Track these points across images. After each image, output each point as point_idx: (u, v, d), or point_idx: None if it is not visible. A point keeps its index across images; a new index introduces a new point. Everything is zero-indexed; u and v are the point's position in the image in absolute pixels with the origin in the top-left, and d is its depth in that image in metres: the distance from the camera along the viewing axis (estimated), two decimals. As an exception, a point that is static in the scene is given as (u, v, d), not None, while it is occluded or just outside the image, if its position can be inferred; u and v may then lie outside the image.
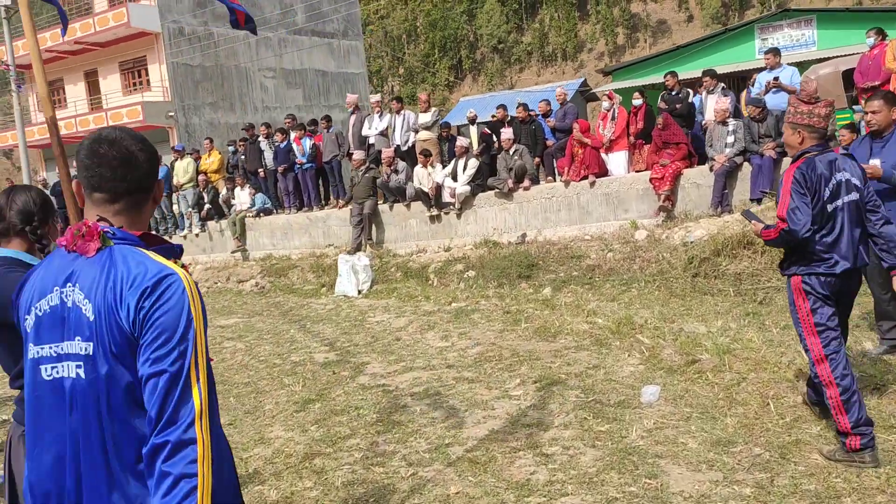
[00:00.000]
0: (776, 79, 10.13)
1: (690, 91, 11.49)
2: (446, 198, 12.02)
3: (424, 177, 12.06)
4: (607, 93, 11.97)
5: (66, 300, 1.74)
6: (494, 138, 12.31)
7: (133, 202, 1.82)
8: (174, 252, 1.84)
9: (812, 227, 3.84)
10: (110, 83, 28.55)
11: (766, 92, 10.17)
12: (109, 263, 1.71)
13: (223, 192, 15.16)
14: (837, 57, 14.39)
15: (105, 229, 1.76)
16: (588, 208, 11.03)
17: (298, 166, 13.73)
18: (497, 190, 11.60)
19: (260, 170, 14.45)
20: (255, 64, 29.42)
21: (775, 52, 10.62)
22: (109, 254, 1.73)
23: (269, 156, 14.27)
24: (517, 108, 12.07)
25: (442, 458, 4.45)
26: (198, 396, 1.65)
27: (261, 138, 14.48)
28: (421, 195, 12.08)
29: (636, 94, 11.44)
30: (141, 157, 1.81)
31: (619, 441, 4.39)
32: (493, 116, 12.76)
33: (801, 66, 15.34)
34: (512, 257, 10.44)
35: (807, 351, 4.00)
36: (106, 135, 1.80)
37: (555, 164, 11.95)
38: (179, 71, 27.07)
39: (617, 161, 11.23)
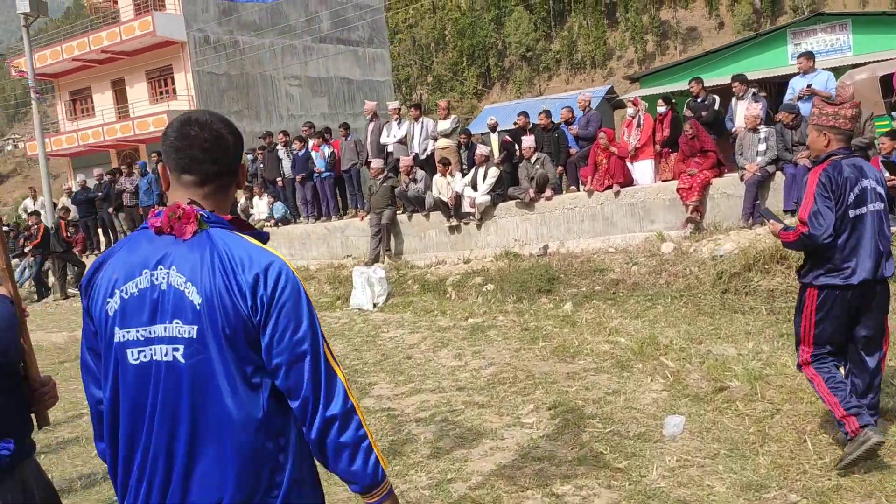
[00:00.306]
0: (810, 86, 9.63)
1: (717, 97, 11.02)
2: (466, 208, 11.67)
3: (444, 186, 11.72)
4: (632, 99, 11.54)
5: (157, 283, 1.71)
6: (516, 146, 11.93)
7: (221, 185, 1.81)
8: (263, 238, 1.82)
9: (832, 233, 3.71)
10: (137, 92, 28.66)
11: (800, 98, 9.68)
12: (210, 247, 1.70)
13: (241, 201, 14.96)
14: (874, 62, 13.80)
15: (200, 212, 1.74)
16: (612, 219, 10.60)
17: (317, 175, 13.48)
18: (518, 200, 11.22)
19: (278, 178, 14.22)
20: (280, 72, 29.38)
21: (809, 55, 10.13)
22: (208, 237, 1.71)
23: (287, 164, 14.04)
24: (539, 115, 11.69)
25: (443, 497, 4.07)
26: (338, 369, 1.75)
27: (279, 146, 14.25)
28: (440, 205, 11.74)
29: (660, 101, 11.01)
30: (230, 139, 1.80)
31: (637, 481, 3.98)
32: (515, 124, 12.38)
33: (836, 71, 14.75)
34: (532, 270, 10.03)
35: (797, 354, 4.10)
36: (196, 117, 1.78)
37: (578, 173, 11.53)
38: (205, 79, 27.09)
39: (642, 170, 10.80)
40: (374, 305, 10.54)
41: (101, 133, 27.92)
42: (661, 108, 10.91)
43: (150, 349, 1.71)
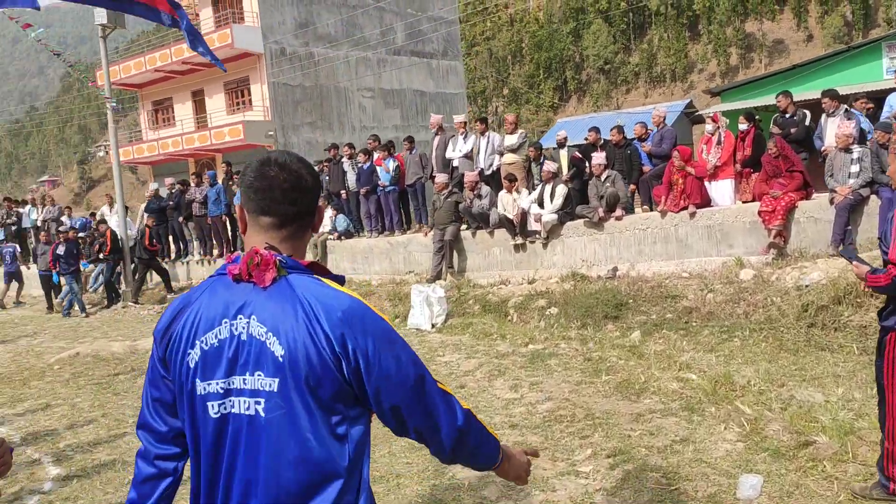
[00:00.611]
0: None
1: (807, 113, 10.25)
2: (532, 225, 11.21)
3: (509, 203, 11.30)
4: (711, 115, 10.86)
5: (237, 333, 1.65)
6: (586, 163, 11.40)
7: (299, 228, 1.76)
8: (340, 282, 1.75)
9: None
10: (215, 102, 29.26)
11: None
12: (291, 294, 1.63)
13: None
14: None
15: (279, 258, 1.68)
16: (687, 242, 9.96)
17: (381, 188, 13.25)
18: (587, 219, 10.70)
19: (342, 191, 14.07)
20: (353, 84, 29.54)
21: (911, 69, 9.29)
22: (288, 284, 1.65)
23: (351, 177, 13.87)
24: (611, 130, 11.14)
25: (481, 559, 3.64)
26: (441, 383, 1.74)
27: (344, 159, 14.09)
28: (505, 222, 11.32)
29: (742, 118, 10.33)
30: (309, 180, 1.75)
31: (704, 556, 3.47)
32: (586, 139, 11.85)
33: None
34: (599, 294, 9.50)
35: (882, 405, 3.73)
36: (274, 157, 1.74)
37: (651, 192, 10.90)
38: (280, 91, 27.43)
39: (721, 190, 10.13)
40: (433, 326, 10.18)
41: (179, 142, 28.61)
42: (743, 126, 10.23)
43: (230, 401, 1.65)
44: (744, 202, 9.81)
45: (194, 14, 30.07)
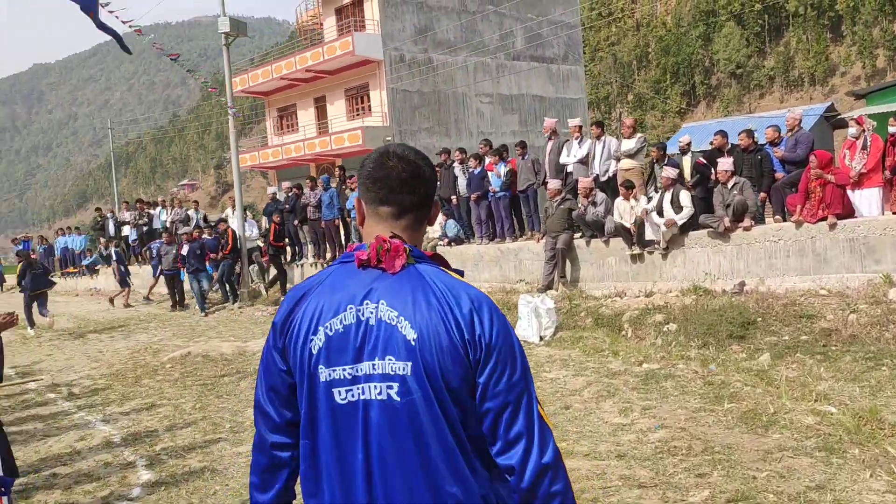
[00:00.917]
0: None
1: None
2: (650, 235, 10.50)
3: (626, 210, 10.65)
4: (856, 117, 9.81)
5: (364, 318, 1.64)
6: (711, 169, 10.57)
7: (417, 218, 1.76)
8: (461, 275, 1.75)
9: None
10: (336, 108, 29.83)
11: None
12: (420, 282, 1.65)
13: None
14: None
15: (407, 246, 1.69)
16: (825, 256, 9.00)
17: (492, 194, 12.87)
18: (711, 229, 9.90)
19: (453, 196, 13.79)
20: (471, 89, 29.38)
21: None
22: (417, 272, 1.67)
23: (462, 182, 13.57)
24: (739, 135, 10.27)
25: None
26: (544, 412, 1.68)
27: (455, 164, 13.81)
28: (621, 231, 10.68)
29: (892, 121, 9.27)
30: (427, 171, 1.77)
31: None
32: (711, 144, 11.01)
33: None
34: (724, 311, 8.71)
35: None
36: (392, 149, 1.77)
37: (784, 201, 9.95)
38: (398, 97, 27.61)
39: (867, 199, 9.11)
40: (541, 338, 9.68)
41: (301, 147, 29.33)
42: (893, 129, 9.17)
43: (358, 388, 1.63)
44: (894, 213, 8.77)
45: (319, 23, 30.86)
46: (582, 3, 41.14)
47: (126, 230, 22.10)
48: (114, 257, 19.72)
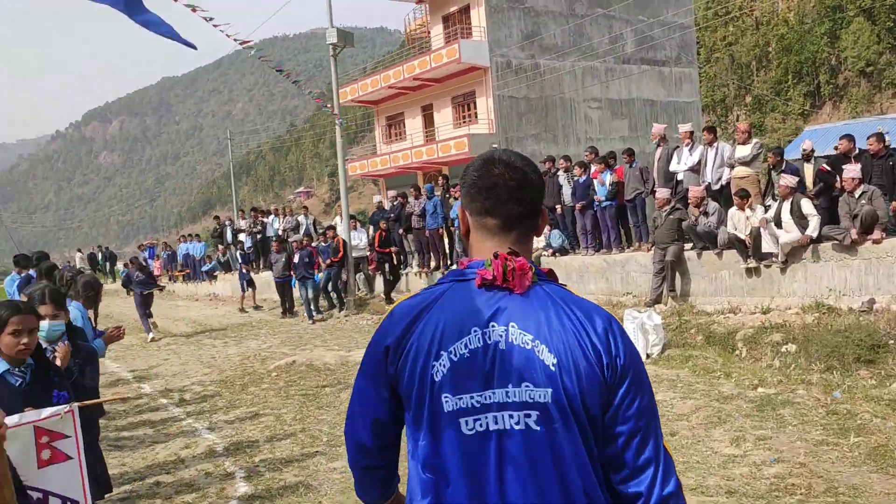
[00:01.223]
0: None
1: None
2: (767, 247, 9.86)
3: (741, 221, 10.05)
4: None
5: (491, 341, 1.56)
6: (836, 177, 9.82)
7: (525, 228, 1.68)
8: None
9: None
10: (443, 116, 30.00)
11: None
12: (553, 302, 1.58)
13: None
14: None
15: (530, 264, 1.61)
16: (970, 273, 8.16)
17: (597, 203, 12.49)
18: (835, 241, 9.19)
19: (557, 206, 13.48)
20: (579, 94, 28.89)
21: None
22: (543, 292, 1.60)
23: (567, 191, 13.25)
24: (868, 138, 9.50)
25: None
26: (665, 441, 1.61)
27: (560, 172, 13.50)
28: (735, 243, 10.08)
29: None
30: (535, 178, 1.68)
31: None
32: (836, 149, 10.24)
33: None
34: (850, 331, 8.04)
35: None
36: (498, 156, 1.68)
37: (921, 212, 9.13)
38: (505, 103, 27.48)
39: None
40: (647, 356, 9.26)
41: (409, 155, 29.66)
42: None
43: (490, 416, 1.54)
44: None
45: (426, 32, 31.14)
46: (697, 3, 39.76)
47: (241, 237, 22.98)
48: (239, 260, 20.69)
